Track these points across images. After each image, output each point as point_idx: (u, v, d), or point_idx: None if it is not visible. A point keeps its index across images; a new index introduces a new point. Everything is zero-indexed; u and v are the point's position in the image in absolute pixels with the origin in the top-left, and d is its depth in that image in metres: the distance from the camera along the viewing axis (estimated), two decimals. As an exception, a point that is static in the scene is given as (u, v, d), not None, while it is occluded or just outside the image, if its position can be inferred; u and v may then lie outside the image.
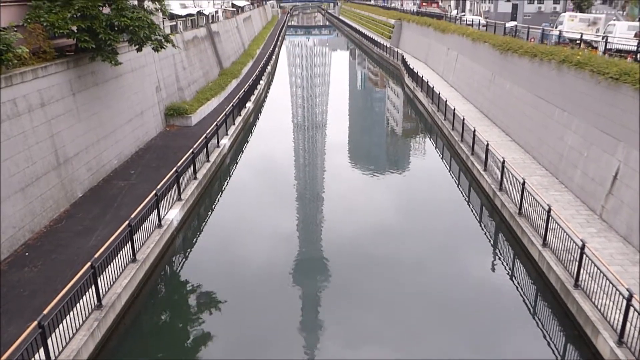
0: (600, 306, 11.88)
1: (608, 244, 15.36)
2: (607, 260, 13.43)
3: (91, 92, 20.91)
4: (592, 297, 12.38)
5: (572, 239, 13.65)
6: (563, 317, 13.41)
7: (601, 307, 11.82)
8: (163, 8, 23.03)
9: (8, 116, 15.46)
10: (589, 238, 14.89)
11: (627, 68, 17.37)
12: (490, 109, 31.08)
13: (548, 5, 61.31)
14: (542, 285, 14.93)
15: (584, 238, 13.38)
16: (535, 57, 24.94)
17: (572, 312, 12.95)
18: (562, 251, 14.23)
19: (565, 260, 14.01)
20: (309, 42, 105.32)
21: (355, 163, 29.31)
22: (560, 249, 14.35)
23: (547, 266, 14.63)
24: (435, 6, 78.74)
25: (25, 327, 10.27)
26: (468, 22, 46.02)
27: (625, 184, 16.03)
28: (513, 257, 17.33)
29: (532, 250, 15.89)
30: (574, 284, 13.07)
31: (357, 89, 57.67)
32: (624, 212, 15.81)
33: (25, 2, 18.60)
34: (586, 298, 12.56)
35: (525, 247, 16.55)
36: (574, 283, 13.08)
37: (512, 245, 17.64)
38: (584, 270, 12.78)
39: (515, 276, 16.46)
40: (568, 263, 13.81)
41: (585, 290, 12.70)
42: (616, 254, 14.74)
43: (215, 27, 47.32)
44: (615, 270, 12.26)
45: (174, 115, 29.05)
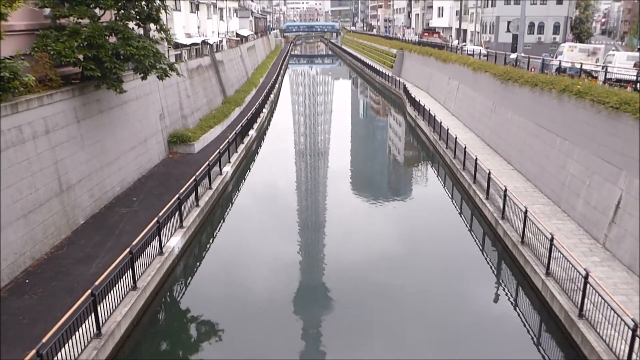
0: (605, 336, 11.72)
1: (612, 273, 15.24)
2: (611, 289, 13.30)
3: (95, 119, 21.11)
4: (596, 328, 12.22)
5: (576, 268, 13.55)
6: (568, 347, 13.22)
7: (606, 337, 11.66)
8: (168, 37, 23.37)
9: (13, 143, 15.59)
10: (592, 267, 14.78)
11: (627, 97, 17.50)
12: (491, 138, 31.22)
13: (548, 36, 62.08)
14: (546, 314, 14.76)
15: (588, 267, 13.29)
16: (536, 86, 25.17)
17: (576, 342, 12.78)
18: (566, 280, 14.12)
19: (569, 290, 13.89)
20: (311, 71, 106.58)
21: (357, 191, 29.32)
22: (564, 278, 14.25)
23: (551, 295, 14.49)
24: (437, 36, 79.66)
25: (24, 355, 10.16)
26: (469, 52, 46.57)
27: (628, 212, 15.99)
28: (516, 286, 17.18)
29: (536, 279, 15.76)
30: (579, 314, 12.93)
31: (360, 117, 58.08)
32: (627, 241, 15.73)
33: (33, 31, 18.93)
34: (591, 328, 12.41)
35: (528, 276, 16.42)
36: (579, 313, 12.94)
37: (515, 274, 17.51)
38: (588, 300, 12.66)
39: (518, 305, 16.29)
40: (572, 292, 13.68)
41: (590, 321, 12.56)
42: (620, 283, 14.62)
43: (220, 56, 47.97)
44: (619, 300, 12.13)
45: (177, 142, 29.23)
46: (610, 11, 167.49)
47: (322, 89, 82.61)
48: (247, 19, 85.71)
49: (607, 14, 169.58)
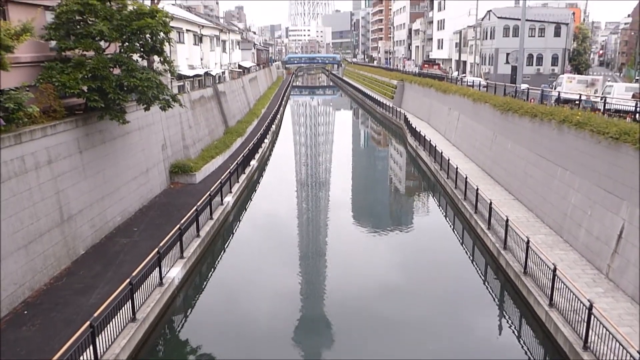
0: (611, 369, 11.54)
1: (616, 304, 15.08)
2: (616, 321, 13.15)
3: (98, 149, 21.24)
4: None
5: (580, 299, 13.41)
6: (573, 381, 12.99)
7: (612, 370, 11.48)
8: (172, 69, 23.69)
9: (16, 173, 15.66)
10: (596, 298, 14.63)
11: (626, 128, 17.61)
12: (492, 168, 31.30)
13: (546, 67, 62.71)
14: (550, 346, 14.55)
15: (592, 298, 13.16)
16: (536, 117, 25.36)
17: (582, 375, 12.57)
18: (570, 311, 13.96)
19: (573, 321, 13.72)
20: (313, 102, 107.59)
21: (359, 221, 29.25)
22: (568, 309, 14.09)
23: (555, 327, 14.32)
24: (437, 68, 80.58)
25: (19, 388, 10.01)
26: (469, 83, 47.05)
27: (631, 243, 15.91)
28: (519, 318, 16.99)
29: (539, 310, 15.59)
30: (583, 346, 12.75)
31: (361, 147, 58.36)
32: (630, 272, 15.61)
33: (39, 63, 19.22)
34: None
35: (531, 307, 16.24)
36: (583, 345, 12.76)
37: (518, 305, 17.32)
38: (592, 332, 12.49)
39: (522, 337, 16.08)
40: (576, 324, 13.51)
41: (595, 352, 12.38)
42: (625, 314, 14.45)
43: (222, 87, 48.51)
44: (624, 332, 11.99)
45: (179, 172, 29.33)
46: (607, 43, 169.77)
47: (323, 119, 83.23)
48: (250, 50, 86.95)
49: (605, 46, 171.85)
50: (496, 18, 63.35)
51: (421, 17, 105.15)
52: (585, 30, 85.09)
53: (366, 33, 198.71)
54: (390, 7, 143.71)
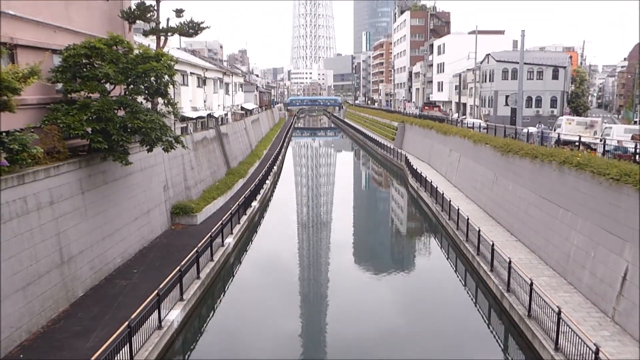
0: (620, 417, 11.21)
1: (623, 348, 14.79)
2: (624, 366, 12.87)
3: (100, 190, 21.31)
4: (611, 407, 11.72)
5: (585, 343, 13.16)
6: None
7: (621, 418, 11.15)
8: (175, 111, 24.00)
9: (17, 214, 15.67)
10: (602, 342, 14.37)
11: (627, 169, 17.68)
12: (494, 209, 31.25)
13: (546, 109, 63.43)
14: (558, 393, 14.19)
15: (598, 342, 12.94)
16: (536, 158, 25.49)
17: (591, 423, 12.21)
18: (575, 356, 13.67)
19: (579, 366, 13.43)
20: (314, 143, 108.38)
21: (360, 263, 29.02)
22: (573, 353, 13.80)
23: (562, 372, 14.00)
24: (437, 110, 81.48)
25: None
26: (469, 125, 47.50)
27: (635, 284, 15.73)
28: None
29: (544, 354, 15.27)
30: (591, 392, 12.44)
31: (362, 188, 58.46)
32: (636, 315, 15.36)
33: (45, 105, 19.50)
34: (605, 408, 11.89)
35: (536, 351, 15.92)
36: (591, 391, 12.45)
37: (523, 349, 16.98)
38: (600, 377, 12.21)
39: (528, 383, 15.70)
40: (583, 369, 13.22)
41: (603, 400, 12.06)
42: (632, 359, 14.14)
43: (224, 128, 49.01)
44: (633, 378, 11.71)
45: (180, 213, 29.30)
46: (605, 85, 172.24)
47: (324, 160, 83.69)
48: (252, 93, 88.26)
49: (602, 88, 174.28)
50: (495, 61, 64.53)
51: (421, 60, 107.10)
52: (583, 73, 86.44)
53: (367, 76, 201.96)
54: (390, 51, 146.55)
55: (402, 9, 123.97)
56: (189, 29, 31.18)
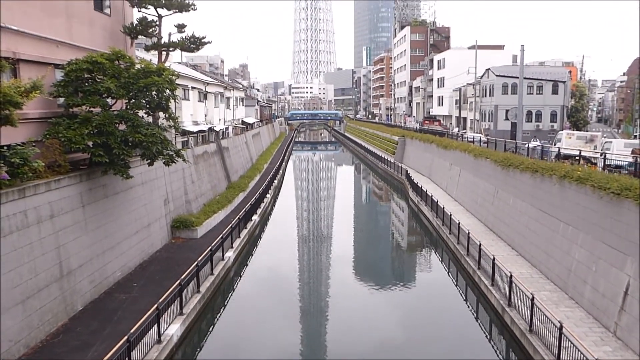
0: None
1: (626, 364, 14.67)
2: (626, 382, 12.76)
3: (100, 204, 21.32)
4: None
5: (587, 359, 13.06)
6: None
7: None
8: (176, 125, 24.08)
9: (17, 227, 15.67)
10: (604, 357, 14.27)
11: (627, 183, 17.68)
12: (495, 223, 31.20)
13: (546, 123, 63.60)
14: (560, 409, 14.06)
15: (600, 357, 12.84)
16: (537, 172, 25.51)
17: None
18: (578, 372, 13.57)
19: (582, 382, 13.32)
20: (315, 157, 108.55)
21: (360, 277, 28.92)
22: (576, 369, 13.70)
23: (564, 388, 13.88)
24: (437, 124, 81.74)
25: None
26: (469, 139, 47.60)
27: (637, 299, 15.65)
28: (527, 378, 16.50)
29: (547, 370, 15.16)
30: (594, 409, 12.32)
31: (362, 202, 58.44)
32: (638, 330, 15.26)
33: (46, 119, 19.59)
34: None
35: (539, 367, 15.80)
36: (594, 407, 12.33)
37: (525, 364, 16.86)
38: (602, 393, 12.10)
39: (530, 399, 15.55)
40: (585, 385, 13.11)
41: (606, 416, 11.94)
42: (635, 375, 14.03)
43: (225, 142, 49.13)
44: (635, 394, 11.61)
45: (181, 227, 29.27)
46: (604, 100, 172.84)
47: (325, 174, 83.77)
48: (253, 107, 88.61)
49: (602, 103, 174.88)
50: (495, 76, 64.84)
51: (421, 75, 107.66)
52: (583, 87, 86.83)
53: (367, 90, 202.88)
54: (390, 65, 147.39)
55: (402, 24, 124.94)
56: (190, 44, 31.40)
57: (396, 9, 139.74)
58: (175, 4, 29.14)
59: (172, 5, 29.11)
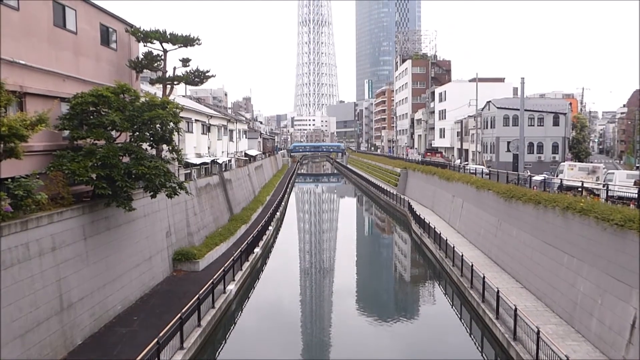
0: None
1: (635, 400, 14.35)
2: (637, 418, 12.46)
3: (102, 236, 21.28)
4: None
5: (596, 394, 12.80)
6: None
7: None
8: (180, 157, 24.22)
9: (19, 260, 15.62)
10: (613, 393, 13.96)
11: (631, 215, 17.62)
12: (498, 255, 30.99)
13: (547, 155, 63.79)
14: None
15: (608, 393, 12.56)
16: (539, 204, 25.46)
17: None
18: (587, 408, 13.27)
19: (591, 419, 13.00)
20: (317, 189, 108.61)
21: (364, 310, 28.58)
22: (584, 405, 13.40)
23: None
24: (439, 156, 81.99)
25: None
26: (471, 170, 47.66)
27: (645, 333, 15.41)
28: (535, 415, 16.12)
29: (554, 406, 14.83)
30: None
31: (365, 234, 58.20)
32: (647, 365, 14.99)
33: (51, 151, 19.74)
34: None
35: (546, 403, 15.46)
36: None
37: (533, 400, 16.50)
38: None
39: None
40: (594, 422, 12.79)
41: None
42: (645, 411, 13.71)
43: (228, 174, 49.29)
44: None
45: (182, 260, 29.12)
46: (605, 131, 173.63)
47: (327, 206, 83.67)
48: (256, 139, 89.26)
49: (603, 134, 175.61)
50: (496, 108, 65.36)
51: (423, 107, 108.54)
52: (583, 119, 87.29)
53: (369, 122, 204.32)
54: (392, 98, 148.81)
55: (404, 58, 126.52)
56: (194, 77, 31.87)
57: (397, 43, 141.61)
58: (180, 39, 29.67)
59: (177, 40, 29.63)
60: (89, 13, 23.79)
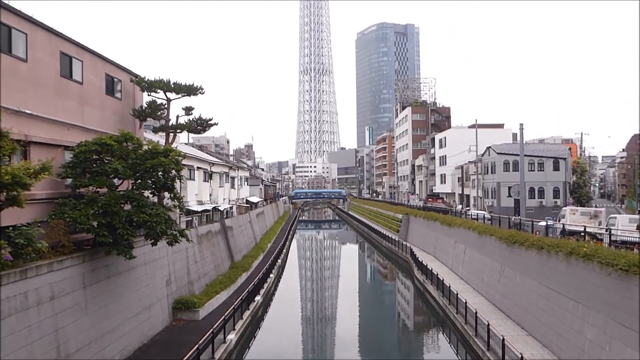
0: None
1: None
2: None
3: (102, 285, 21.07)
4: None
5: None
6: None
7: None
8: (181, 205, 24.26)
9: (17, 310, 15.43)
10: None
11: (635, 259, 17.48)
12: (502, 302, 30.53)
13: (549, 200, 63.89)
14: None
15: None
16: (542, 249, 25.28)
17: None
18: None
19: None
20: (319, 236, 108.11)
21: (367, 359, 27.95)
22: None
23: None
24: (440, 201, 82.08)
25: None
26: (473, 216, 47.57)
27: (656, 382, 15.02)
28: None
29: None
30: None
31: (367, 281, 57.56)
32: (660, 415, 14.54)
33: (53, 199, 19.81)
34: None
35: None
36: None
37: None
38: None
39: None
40: None
41: None
42: None
43: (229, 222, 49.21)
44: None
45: (182, 308, 28.69)
46: (606, 176, 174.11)
47: (329, 253, 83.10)
48: (257, 186, 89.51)
49: (604, 179, 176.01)
50: (496, 154, 65.89)
51: (423, 153, 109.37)
52: (583, 164, 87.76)
53: (371, 169, 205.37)
54: (393, 144, 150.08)
55: (404, 105, 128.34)
56: (197, 125, 32.26)
57: (397, 91, 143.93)
58: (184, 89, 30.22)
59: (181, 89, 30.18)
60: (95, 64, 24.38)
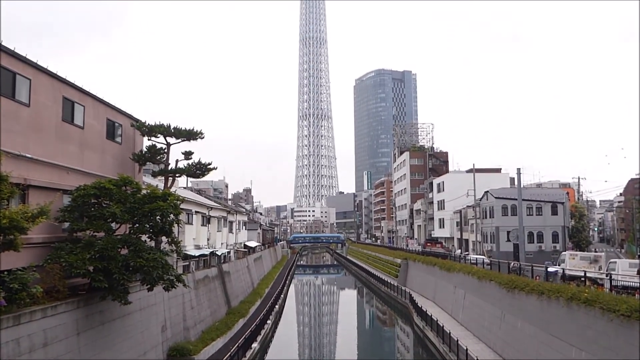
0: None
1: None
2: None
3: (96, 331, 20.69)
4: None
5: None
6: None
7: None
8: (179, 249, 24.10)
9: (8, 356, 15.09)
10: None
11: (636, 305, 17.31)
12: (504, 348, 29.96)
13: (548, 244, 63.59)
14: None
15: None
16: (543, 294, 25.02)
17: None
18: None
19: None
20: (317, 281, 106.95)
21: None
22: None
23: None
24: (439, 246, 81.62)
25: None
26: (472, 261, 47.25)
27: None
28: None
29: None
30: None
31: (366, 327, 56.61)
32: None
33: (49, 243, 19.69)
34: None
35: None
36: None
37: None
38: None
39: None
40: None
41: None
42: None
43: (227, 266, 48.74)
44: None
45: (177, 356, 28.05)
46: (604, 220, 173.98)
47: (327, 298, 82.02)
48: (256, 231, 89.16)
49: (602, 223, 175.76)
50: (494, 198, 66.00)
51: (421, 197, 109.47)
52: (582, 208, 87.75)
53: (369, 213, 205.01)
54: (391, 189, 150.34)
55: (402, 150, 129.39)
56: (196, 170, 32.41)
57: (395, 136, 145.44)
58: (184, 133, 30.52)
59: (181, 134, 30.47)
60: (97, 109, 24.70)
